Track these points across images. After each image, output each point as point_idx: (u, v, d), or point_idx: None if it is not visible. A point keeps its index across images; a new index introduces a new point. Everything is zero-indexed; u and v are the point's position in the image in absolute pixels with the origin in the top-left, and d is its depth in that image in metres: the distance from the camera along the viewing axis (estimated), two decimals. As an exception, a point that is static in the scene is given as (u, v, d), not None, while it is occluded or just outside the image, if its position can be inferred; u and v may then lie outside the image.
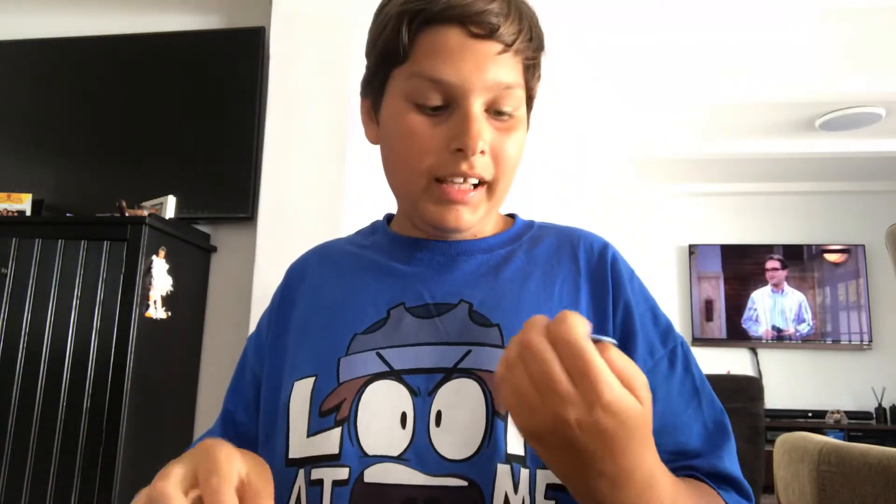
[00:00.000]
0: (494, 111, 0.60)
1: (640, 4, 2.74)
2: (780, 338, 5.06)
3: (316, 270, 0.72)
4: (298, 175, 2.07)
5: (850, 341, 4.97)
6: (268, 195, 2.09)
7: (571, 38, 2.79)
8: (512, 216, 0.75)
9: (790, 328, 5.03)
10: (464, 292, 0.63)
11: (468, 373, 0.58)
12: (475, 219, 0.63)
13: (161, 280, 1.91)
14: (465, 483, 0.55)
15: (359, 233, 0.77)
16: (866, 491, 1.37)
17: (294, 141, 2.09)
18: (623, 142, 4.16)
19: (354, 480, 0.57)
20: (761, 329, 5.08)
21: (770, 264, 5.13)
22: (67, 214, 2.21)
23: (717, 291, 5.19)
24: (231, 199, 2.21)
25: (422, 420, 0.57)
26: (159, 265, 1.91)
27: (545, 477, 0.56)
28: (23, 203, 2.11)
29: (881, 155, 4.20)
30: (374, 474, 0.57)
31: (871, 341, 4.94)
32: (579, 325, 0.42)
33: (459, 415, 0.57)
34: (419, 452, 0.56)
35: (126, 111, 2.38)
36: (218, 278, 2.26)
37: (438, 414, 0.57)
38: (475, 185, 0.62)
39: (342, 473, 0.57)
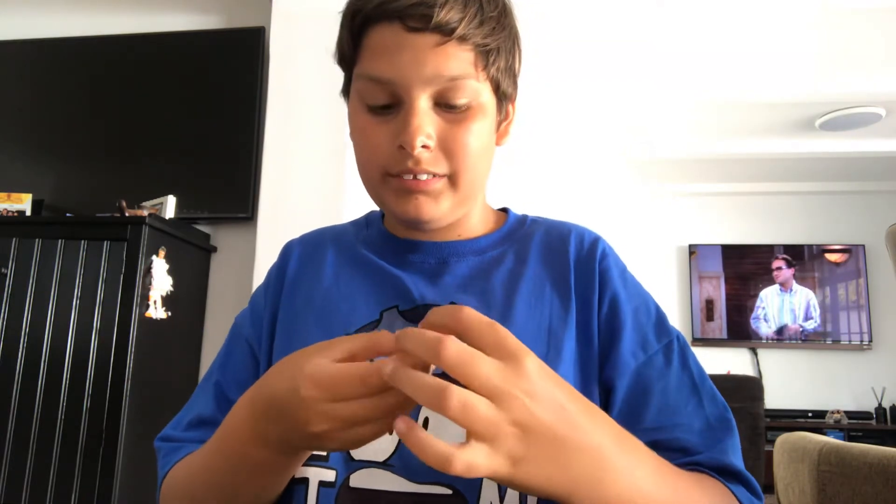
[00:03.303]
0: (445, 104, 0.59)
1: (641, 4, 2.74)
2: (780, 338, 5.06)
3: (311, 259, 0.71)
4: (298, 175, 2.07)
5: (850, 341, 4.97)
6: (268, 195, 2.09)
7: (572, 38, 2.78)
8: (505, 210, 0.74)
9: (797, 325, 5.03)
10: (455, 296, 0.63)
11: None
12: (440, 210, 0.62)
13: (161, 280, 1.91)
14: (449, 491, 0.55)
15: (354, 223, 0.75)
16: (866, 491, 1.37)
17: (294, 141, 2.09)
18: (623, 142, 4.16)
19: (340, 484, 0.56)
20: (771, 328, 5.07)
21: (776, 264, 5.13)
22: (67, 214, 2.21)
23: (717, 291, 5.18)
24: (231, 199, 2.21)
25: None
26: (159, 265, 1.91)
27: None
28: (23, 203, 2.11)
29: (881, 155, 4.20)
30: (359, 479, 0.56)
31: (871, 341, 4.94)
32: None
33: (447, 422, 0.57)
34: (405, 458, 0.56)
35: (126, 111, 2.38)
36: (218, 278, 2.26)
37: (426, 420, 0.57)
38: (433, 176, 0.60)
39: (329, 475, 0.57)
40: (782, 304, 5.10)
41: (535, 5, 2.44)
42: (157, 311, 1.88)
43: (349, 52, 0.61)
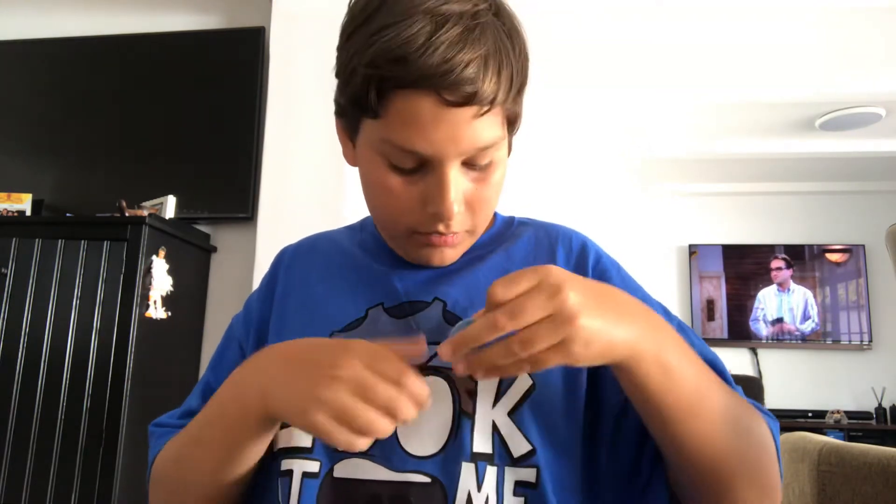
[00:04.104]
0: (471, 164, 0.58)
1: (640, 4, 2.74)
2: (779, 338, 5.06)
3: (303, 263, 0.73)
4: (298, 175, 2.07)
5: (850, 341, 4.97)
6: (268, 195, 2.09)
7: (572, 38, 2.78)
8: None
9: (794, 325, 5.03)
10: (439, 290, 0.64)
11: (437, 371, 0.59)
12: (458, 254, 0.65)
13: (161, 280, 1.91)
14: (428, 480, 0.56)
15: (349, 228, 0.77)
16: (866, 491, 1.37)
17: (294, 141, 2.09)
18: (623, 141, 4.15)
19: (324, 475, 0.57)
20: (769, 328, 5.07)
21: (774, 264, 5.13)
22: (67, 214, 2.21)
23: (718, 291, 5.18)
24: (231, 199, 2.21)
25: None
26: (159, 265, 1.91)
27: (513, 474, 0.56)
28: (23, 203, 2.11)
29: (881, 155, 4.19)
30: (342, 470, 0.57)
31: (871, 341, 4.93)
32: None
33: (427, 412, 0.57)
34: (385, 448, 0.57)
35: (126, 111, 2.38)
36: (218, 278, 2.26)
37: None
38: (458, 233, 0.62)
39: (313, 466, 0.58)
40: (780, 304, 5.10)
41: (534, 6, 2.44)
42: (157, 311, 1.88)
43: (370, 109, 0.56)
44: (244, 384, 0.56)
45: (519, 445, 0.56)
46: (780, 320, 5.05)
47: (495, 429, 0.57)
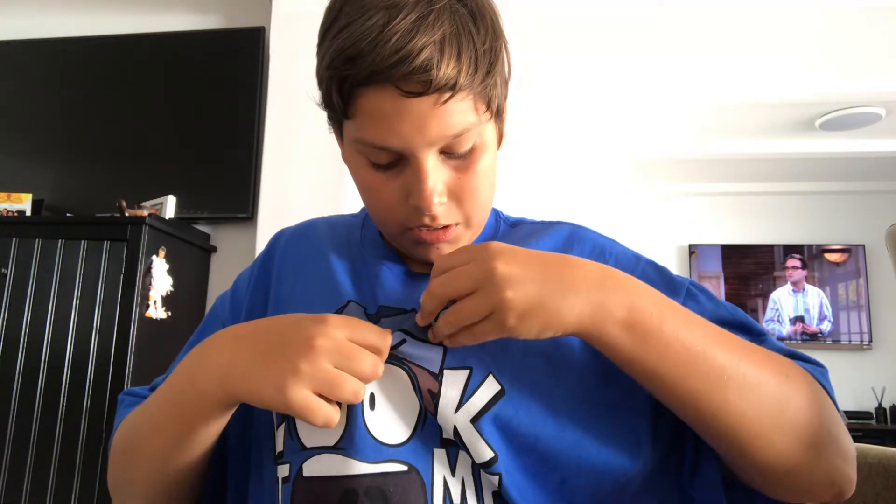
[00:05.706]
0: (450, 153, 0.57)
1: (641, 4, 2.74)
2: (780, 338, 5.06)
3: (300, 247, 0.71)
4: (298, 175, 2.07)
5: (850, 341, 4.97)
6: (268, 195, 2.09)
7: (570, 37, 2.78)
8: None
9: (813, 325, 5.02)
10: (415, 300, 0.62)
11: (400, 362, 0.57)
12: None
13: (161, 280, 1.90)
14: (405, 468, 0.54)
15: (351, 216, 0.76)
16: (866, 491, 1.37)
17: (294, 141, 2.09)
18: (623, 141, 4.15)
19: (294, 476, 0.55)
20: (785, 329, 5.07)
21: (790, 263, 5.12)
22: (67, 214, 2.21)
23: (717, 291, 5.18)
24: (231, 199, 2.21)
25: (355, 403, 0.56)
26: (159, 265, 1.91)
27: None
28: (23, 203, 2.11)
29: (881, 155, 4.19)
30: (311, 468, 0.55)
31: (871, 341, 4.93)
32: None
33: (393, 397, 0.56)
34: (355, 439, 0.54)
35: (126, 111, 2.38)
36: (218, 278, 2.26)
37: (372, 397, 0.56)
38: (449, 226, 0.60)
39: (285, 471, 0.56)
40: (796, 304, 5.09)
41: (536, 6, 2.44)
42: (157, 311, 1.88)
43: (339, 108, 0.56)
44: (199, 369, 0.54)
45: (481, 453, 0.54)
46: (798, 319, 5.04)
47: (457, 435, 0.54)
